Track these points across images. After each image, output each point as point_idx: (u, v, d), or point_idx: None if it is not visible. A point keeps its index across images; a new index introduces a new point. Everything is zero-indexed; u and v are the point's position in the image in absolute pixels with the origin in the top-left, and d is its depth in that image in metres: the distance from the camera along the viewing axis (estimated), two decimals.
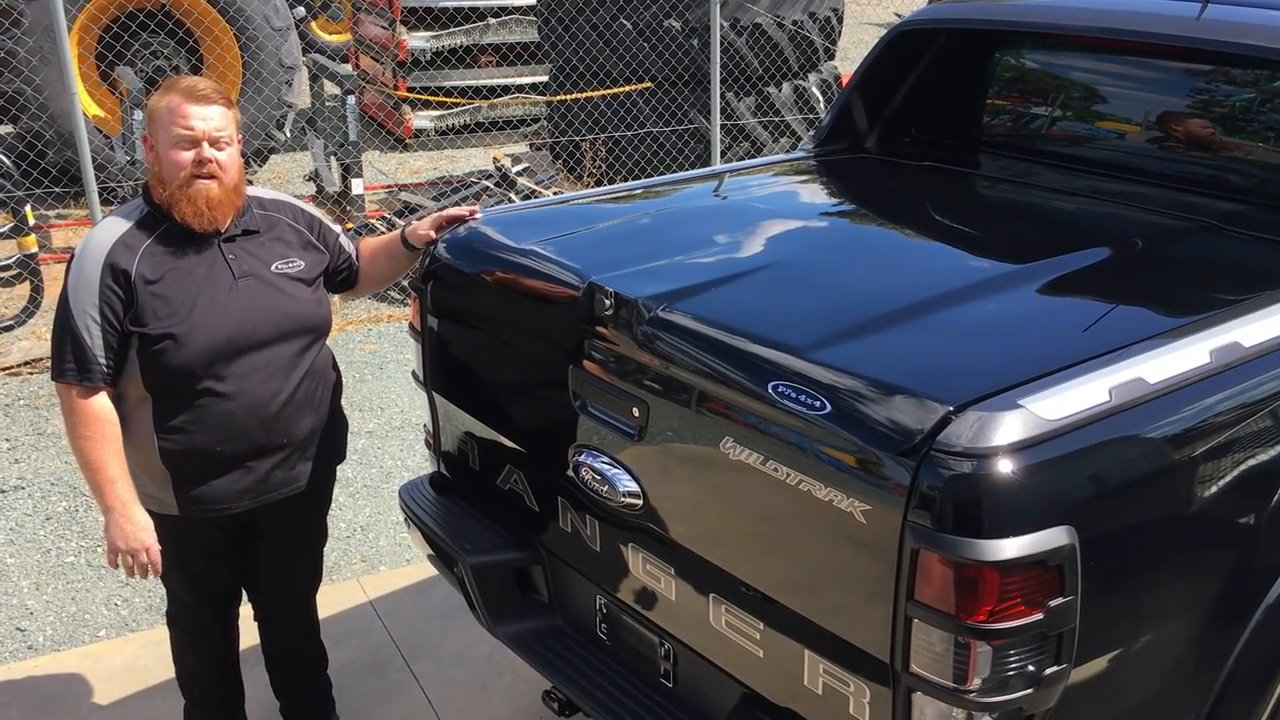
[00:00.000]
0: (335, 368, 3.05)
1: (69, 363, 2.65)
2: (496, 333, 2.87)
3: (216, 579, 3.05)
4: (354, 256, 3.10)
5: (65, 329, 2.66)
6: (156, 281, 2.67)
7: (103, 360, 2.65)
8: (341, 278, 3.09)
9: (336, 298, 7.16)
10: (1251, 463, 2.14)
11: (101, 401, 2.68)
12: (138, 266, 2.66)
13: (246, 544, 3.04)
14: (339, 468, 3.14)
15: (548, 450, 2.73)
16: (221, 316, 2.71)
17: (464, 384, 3.03)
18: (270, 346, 2.77)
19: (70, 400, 2.67)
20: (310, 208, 3.03)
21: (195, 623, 3.10)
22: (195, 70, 9.23)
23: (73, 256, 2.70)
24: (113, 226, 2.72)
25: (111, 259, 2.65)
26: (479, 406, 2.98)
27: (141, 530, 2.72)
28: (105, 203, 7.06)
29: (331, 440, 3.01)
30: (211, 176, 2.68)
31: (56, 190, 7.68)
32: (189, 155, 2.66)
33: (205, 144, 2.67)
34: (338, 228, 3.08)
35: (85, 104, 7.78)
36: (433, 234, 3.03)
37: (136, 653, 3.83)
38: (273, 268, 2.82)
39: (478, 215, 3.06)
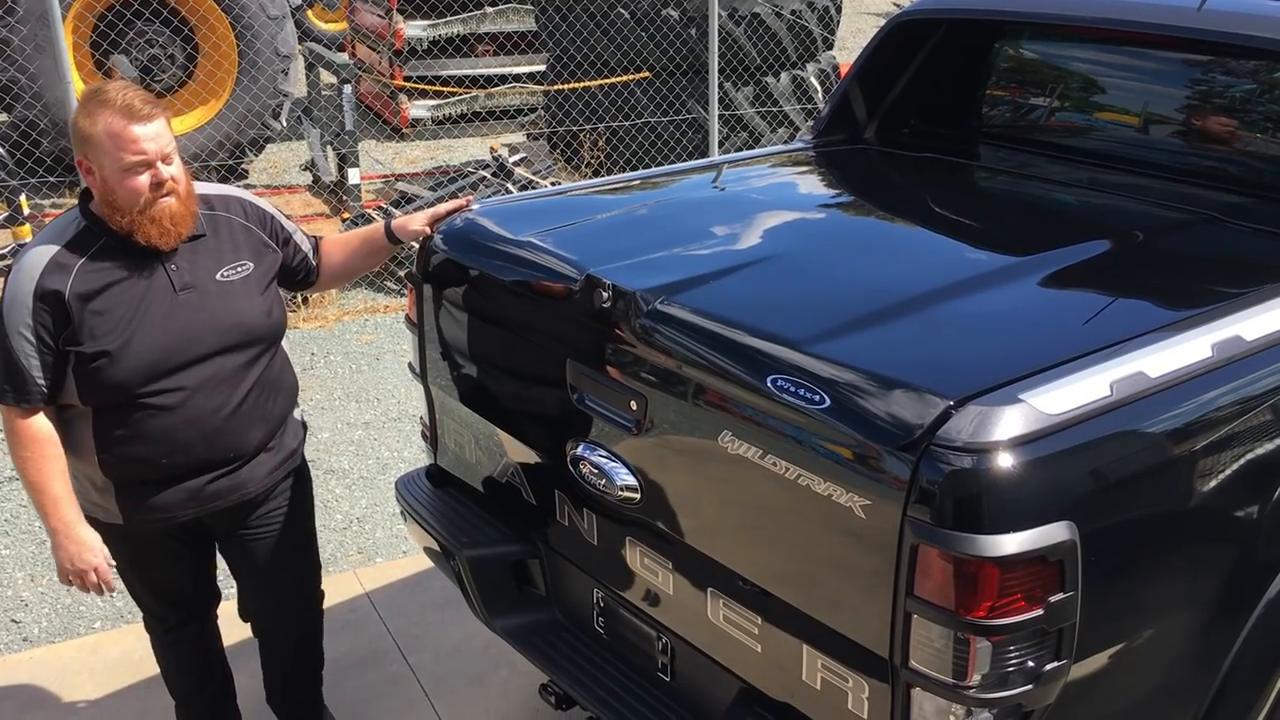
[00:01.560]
0: (290, 372, 2.92)
1: (5, 384, 2.57)
2: (493, 325, 2.86)
3: (179, 585, 2.98)
4: (311, 254, 2.98)
5: (0, 351, 2.56)
6: (93, 299, 2.55)
7: (41, 381, 2.56)
8: (299, 277, 2.98)
9: (332, 291, 7.15)
10: (1253, 457, 2.13)
11: (40, 422, 2.60)
12: (72, 286, 2.54)
13: (208, 550, 2.98)
14: (335, 461, 3.12)
15: (545, 443, 2.72)
16: (160, 332, 2.59)
17: (460, 376, 3.02)
18: (213, 359, 2.66)
19: (10, 421, 2.60)
20: (262, 202, 2.91)
21: (166, 629, 3.05)
22: (190, 59, 9.19)
23: (7, 276, 2.60)
24: (45, 246, 2.59)
25: (43, 281, 2.53)
26: (475, 399, 2.97)
27: (87, 550, 2.66)
28: None
29: (286, 446, 2.90)
30: (170, 193, 2.56)
31: (51, 179, 7.65)
32: (145, 180, 2.52)
33: (159, 164, 2.53)
34: (291, 224, 2.95)
35: (80, 92, 7.74)
36: (428, 229, 2.98)
37: (132, 645, 3.82)
38: (218, 275, 2.69)
39: (473, 205, 3.04)
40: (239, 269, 2.73)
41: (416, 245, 3.05)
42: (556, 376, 2.59)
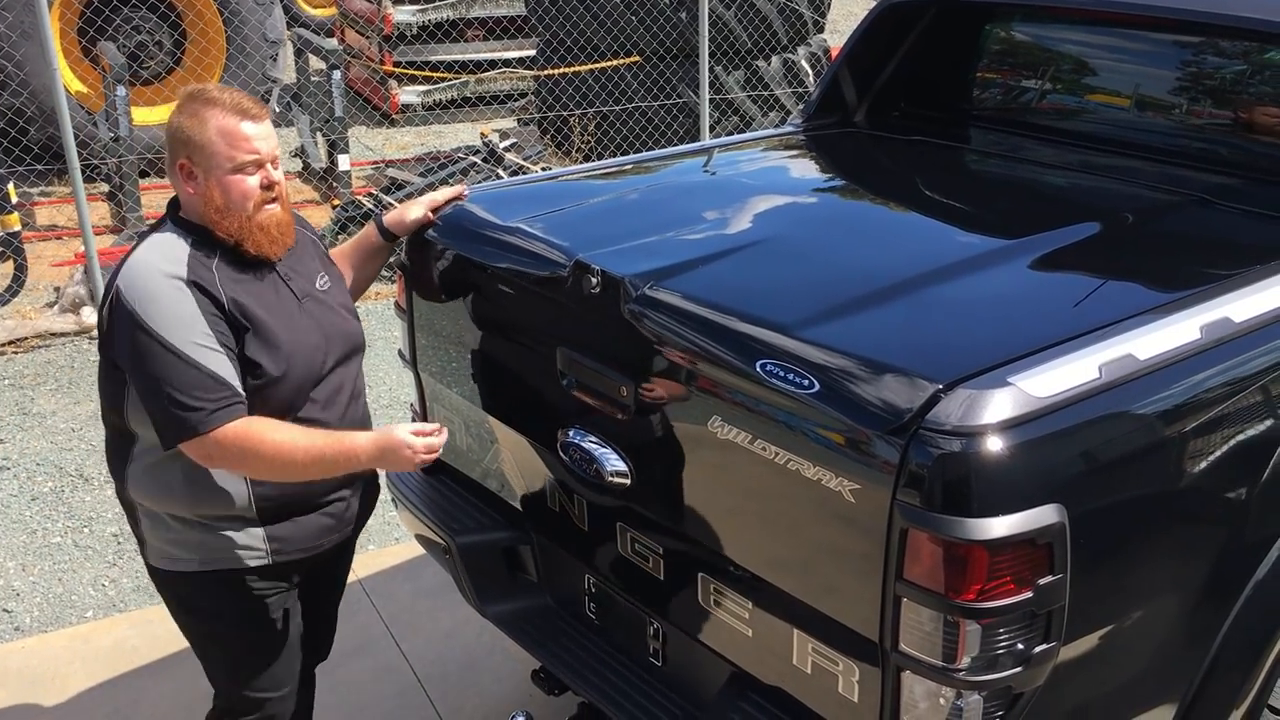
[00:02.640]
0: None
1: (207, 404, 2.24)
2: (483, 311, 2.85)
3: (292, 645, 2.66)
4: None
5: (177, 374, 2.24)
6: (246, 310, 2.34)
7: (236, 382, 2.30)
8: None
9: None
10: (1241, 438, 2.13)
11: (253, 421, 2.31)
12: (226, 294, 2.32)
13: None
14: None
15: (535, 429, 2.72)
16: (303, 343, 2.42)
17: (451, 363, 3.01)
18: (336, 370, 2.51)
19: (230, 443, 2.26)
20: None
21: (280, 706, 2.68)
22: (178, 45, 9.14)
23: (114, 300, 2.30)
24: (164, 248, 2.35)
25: (194, 279, 2.30)
26: (466, 385, 2.96)
27: (397, 437, 2.37)
28: (88, 180, 7.01)
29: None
30: (276, 199, 2.40)
31: (39, 167, 7.61)
32: (256, 181, 2.36)
33: (270, 166, 2.38)
34: None
35: (67, 79, 7.70)
36: (430, 215, 2.88)
37: (125, 633, 3.82)
38: (316, 285, 2.54)
39: (466, 194, 3.01)
40: (326, 278, 2.59)
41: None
42: (546, 362, 2.58)
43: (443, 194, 2.97)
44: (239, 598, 2.49)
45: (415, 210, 2.89)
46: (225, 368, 2.29)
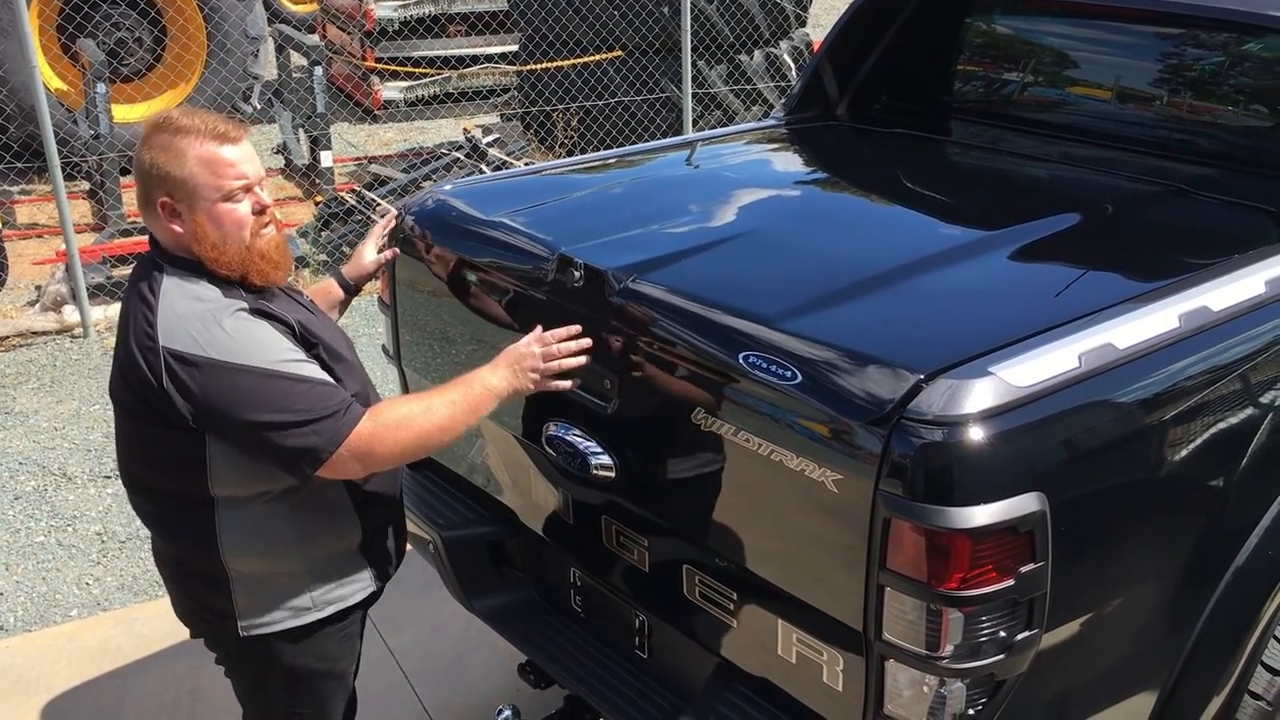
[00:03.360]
0: None
1: (336, 409, 2.10)
2: (467, 305, 2.85)
3: (353, 685, 2.56)
4: None
5: (291, 396, 2.08)
6: (304, 326, 2.21)
7: (335, 383, 2.17)
8: None
9: (306, 271, 7.12)
10: (1220, 426, 2.15)
11: (377, 410, 2.19)
12: (292, 316, 2.20)
13: None
14: None
15: (520, 423, 2.72)
16: (346, 355, 2.32)
17: (434, 358, 3.01)
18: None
19: (378, 437, 2.14)
20: None
21: None
22: (158, 42, 9.09)
23: (170, 365, 2.07)
24: (191, 291, 2.15)
25: (253, 305, 2.15)
26: (450, 380, 2.96)
27: (516, 357, 2.31)
28: (69, 178, 6.97)
29: None
30: (270, 222, 2.24)
31: (19, 165, 7.56)
32: (246, 207, 2.18)
33: (258, 189, 2.21)
34: None
35: (46, 77, 7.67)
36: (386, 251, 2.81)
37: (109, 632, 3.81)
38: (303, 298, 2.45)
39: (397, 215, 2.87)
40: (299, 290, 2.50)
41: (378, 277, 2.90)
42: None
43: (378, 227, 2.87)
44: (343, 639, 2.38)
45: (369, 252, 2.80)
46: (324, 373, 2.16)
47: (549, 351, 2.35)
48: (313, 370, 2.14)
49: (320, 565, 2.30)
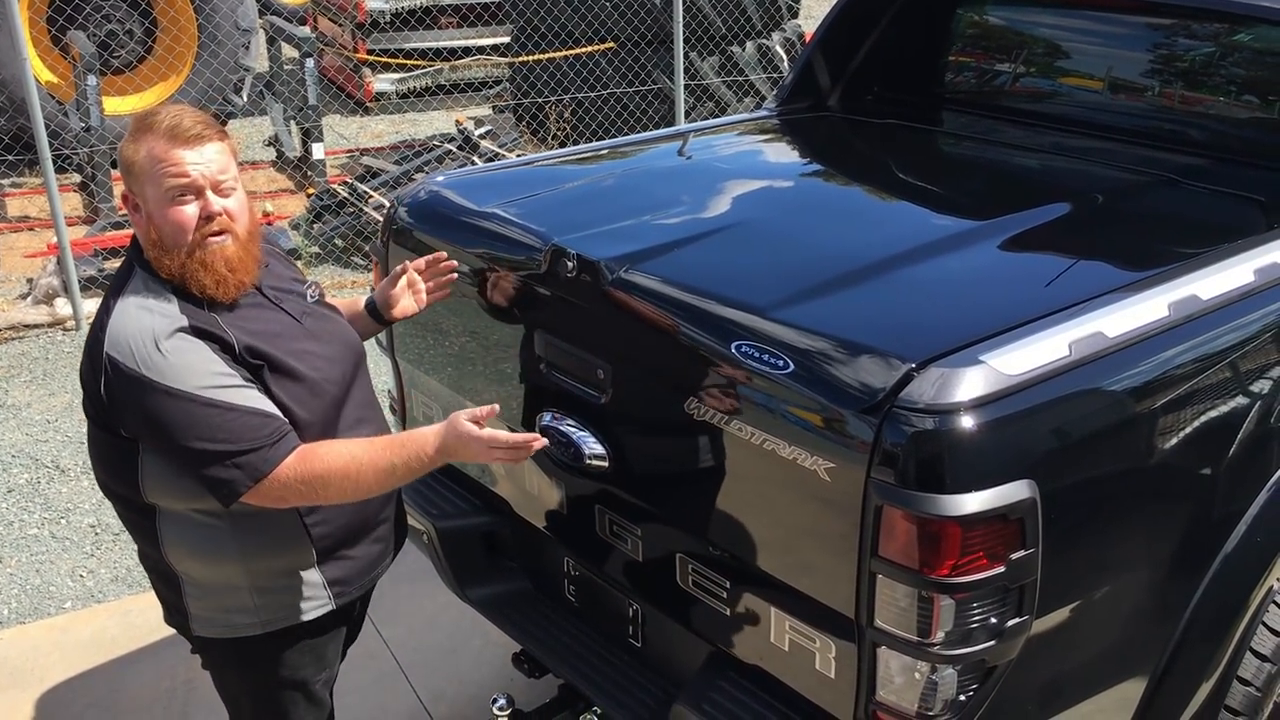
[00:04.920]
0: None
1: (261, 443, 2.04)
2: (459, 296, 2.85)
3: (329, 696, 2.52)
4: None
5: (215, 424, 2.02)
6: (256, 349, 2.12)
7: (276, 410, 2.09)
8: None
9: (299, 264, 7.09)
10: (1209, 415, 2.16)
11: (310, 448, 2.11)
12: (234, 336, 2.10)
13: None
14: None
15: (513, 414, 2.72)
16: (320, 367, 2.22)
17: (428, 349, 3.01)
18: (353, 385, 2.33)
19: (297, 477, 2.07)
20: None
21: None
22: (149, 34, 9.06)
23: (109, 373, 2.04)
24: (145, 300, 2.09)
25: (194, 324, 2.07)
26: (444, 371, 2.97)
27: (470, 436, 2.13)
28: (60, 170, 6.94)
29: None
30: (223, 231, 2.11)
31: (9, 158, 7.54)
32: (191, 210, 2.08)
33: (209, 192, 2.10)
34: None
35: (37, 69, 7.62)
36: (421, 300, 2.62)
37: (103, 624, 3.81)
38: (308, 296, 2.33)
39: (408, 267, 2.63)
40: (310, 287, 2.37)
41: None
42: (523, 347, 2.59)
43: (398, 272, 2.62)
44: (300, 652, 2.33)
45: (406, 301, 2.62)
46: (261, 400, 2.08)
47: (493, 454, 2.17)
48: (245, 397, 2.06)
49: (264, 580, 2.23)
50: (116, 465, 2.17)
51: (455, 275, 2.62)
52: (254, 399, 2.08)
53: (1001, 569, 1.86)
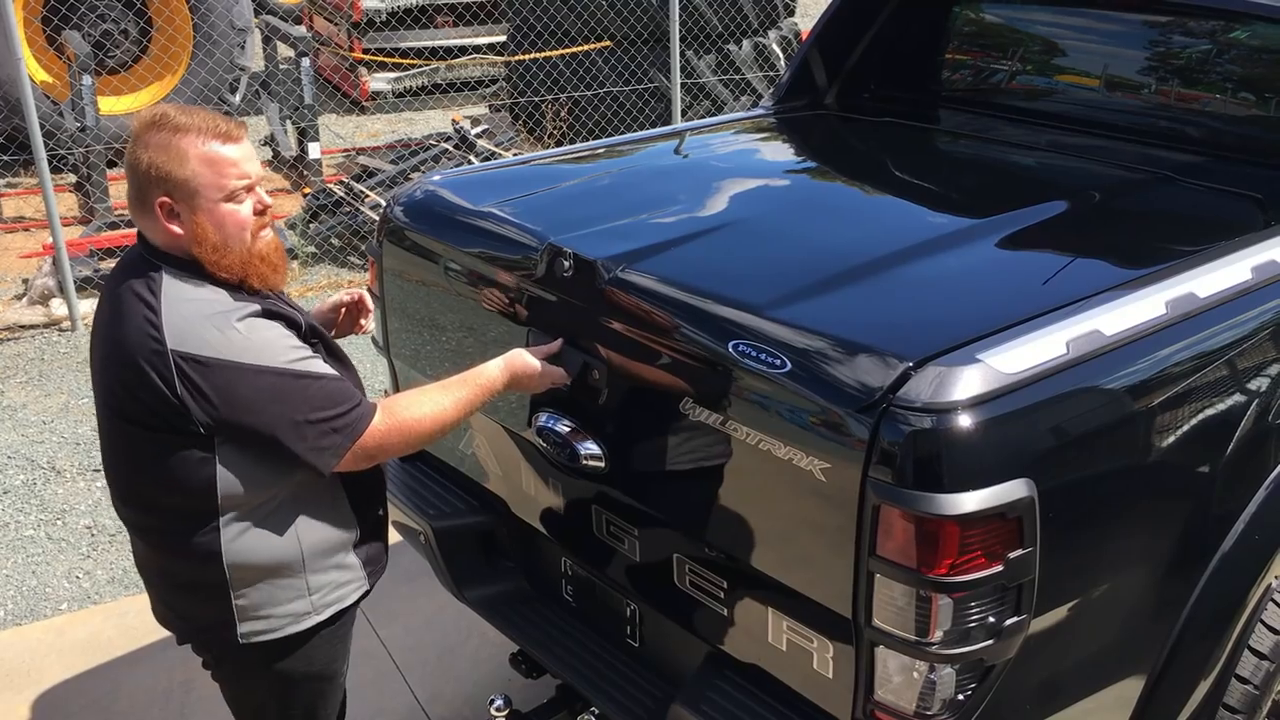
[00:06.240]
0: None
1: (351, 406, 2.12)
2: (456, 296, 2.85)
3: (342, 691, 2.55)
4: None
5: (308, 394, 2.08)
6: (311, 324, 2.23)
7: (347, 381, 2.18)
8: None
9: (295, 263, 7.10)
10: (1207, 412, 2.16)
11: (388, 403, 2.21)
12: (302, 315, 2.20)
13: None
14: None
15: (510, 413, 2.72)
16: (340, 353, 2.32)
17: (424, 348, 3.01)
18: None
19: (388, 432, 2.17)
20: None
21: None
22: (144, 34, 9.04)
23: (182, 368, 2.03)
24: (196, 294, 2.11)
25: (262, 306, 2.12)
26: (440, 371, 2.96)
27: (521, 363, 2.36)
28: (55, 170, 6.94)
29: None
30: (268, 224, 2.21)
31: (4, 158, 7.52)
32: (248, 207, 2.14)
33: (259, 189, 2.18)
34: None
35: (32, 69, 7.62)
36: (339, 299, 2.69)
37: (99, 625, 3.80)
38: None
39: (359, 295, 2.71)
40: None
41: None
42: (520, 346, 2.58)
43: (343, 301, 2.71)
44: (334, 641, 2.36)
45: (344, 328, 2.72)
46: (335, 371, 2.16)
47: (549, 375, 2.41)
48: (326, 368, 2.15)
49: (319, 567, 2.27)
50: (184, 473, 2.11)
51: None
52: (331, 369, 2.17)
53: (1000, 568, 1.86)
